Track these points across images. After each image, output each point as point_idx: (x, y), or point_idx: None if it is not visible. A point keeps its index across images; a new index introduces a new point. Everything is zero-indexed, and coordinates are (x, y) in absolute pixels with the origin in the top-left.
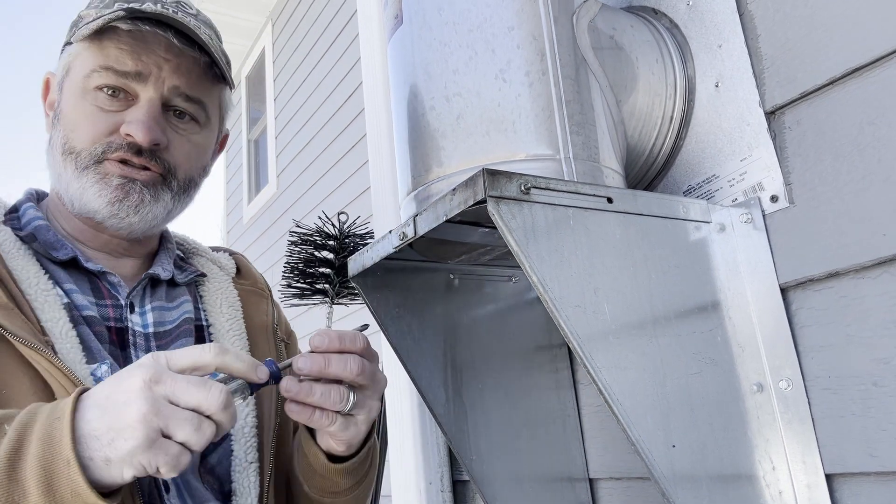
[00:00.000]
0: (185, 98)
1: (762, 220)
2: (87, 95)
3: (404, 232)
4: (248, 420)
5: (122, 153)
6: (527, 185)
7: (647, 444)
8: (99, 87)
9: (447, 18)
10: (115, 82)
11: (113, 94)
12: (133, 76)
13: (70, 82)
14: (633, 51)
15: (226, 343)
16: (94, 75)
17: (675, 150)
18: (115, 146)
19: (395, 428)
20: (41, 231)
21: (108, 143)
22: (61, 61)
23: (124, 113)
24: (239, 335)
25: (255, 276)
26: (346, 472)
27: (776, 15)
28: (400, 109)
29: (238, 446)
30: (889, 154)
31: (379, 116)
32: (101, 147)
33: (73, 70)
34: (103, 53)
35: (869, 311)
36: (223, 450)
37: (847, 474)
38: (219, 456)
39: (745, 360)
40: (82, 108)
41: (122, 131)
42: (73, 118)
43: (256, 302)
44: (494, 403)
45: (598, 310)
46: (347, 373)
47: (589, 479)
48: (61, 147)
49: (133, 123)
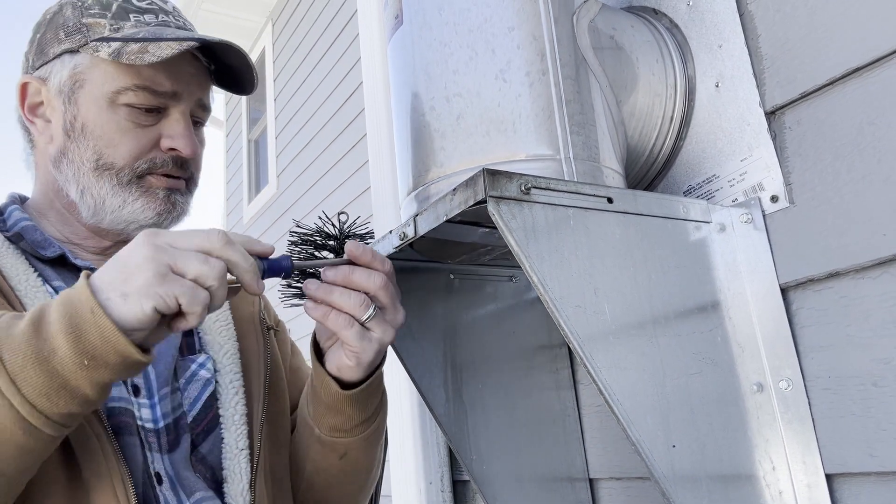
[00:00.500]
0: (203, 108)
1: (762, 220)
2: (118, 110)
3: (404, 232)
4: (237, 408)
5: (167, 168)
6: (527, 185)
7: (647, 444)
8: (132, 104)
9: (447, 18)
10: (154, 102)
11: (147, 109)
12: (169, 96)
13: (88, 95)
14: (634, 51)
15: (213, 334)
16: (128, 94)
17: (675, 150)
18: (159, 162)
19: (395, 428)
20: (28, 231)
21: (152, 160)
22: (62, 70)
23: (158, 126)
24: (225, 325)
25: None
26: (355, 400)
27: (776, 15)
28: (400, 109)
29: (228, 434)
30: (889, 154)
31: (379, 116)
32: (145, 164)
33: (90, 83)
34: (134, 72)
35: (869, 312)
36: (214, 437)
37: (847, 474)
38: (210, 445)
39: (745, 360)
40: (115, 124)
41: (163, 146)
42: (105, 134)
43: (242, 294)
44: (494, 403)
45: (598, 310)
46: (370, 283)
47: (589, 479)
48: (92, 162)
49: (177, 139)
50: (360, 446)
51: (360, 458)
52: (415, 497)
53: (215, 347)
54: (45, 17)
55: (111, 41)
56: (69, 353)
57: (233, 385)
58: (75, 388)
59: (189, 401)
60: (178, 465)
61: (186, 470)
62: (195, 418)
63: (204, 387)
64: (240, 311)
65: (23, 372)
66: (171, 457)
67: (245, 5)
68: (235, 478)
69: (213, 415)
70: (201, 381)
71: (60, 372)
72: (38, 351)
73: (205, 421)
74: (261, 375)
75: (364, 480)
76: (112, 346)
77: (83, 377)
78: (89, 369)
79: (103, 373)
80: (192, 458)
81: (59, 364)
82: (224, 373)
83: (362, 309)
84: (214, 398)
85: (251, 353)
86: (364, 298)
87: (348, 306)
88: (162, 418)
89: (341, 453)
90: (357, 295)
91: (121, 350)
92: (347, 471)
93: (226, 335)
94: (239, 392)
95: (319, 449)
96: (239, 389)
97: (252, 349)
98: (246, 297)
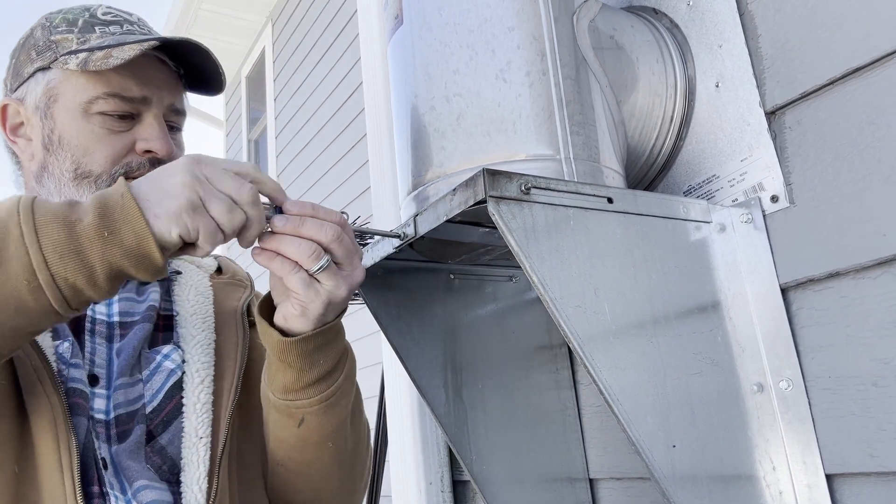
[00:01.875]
0: (176, 112)
1: (762, 221)
2: (91, 119)
3: (405, 232)
4: (200, 397)
5: (144, 171)
6: (527, 185)
7: (647, 444)
8: (105, 112)
9: (447, 19)
10: (124, 108)
11: (120, 116)
12: (139, 101)
13: (62, 108)
14: (634, 51)
15: (189, 327)
16: (99, 102)
17: (675, 150)
18: (135, 165)
19: (395, 428)
20: None
21: (128, 164)
22: (36, 87)
23: (133, 131)
24: (203, 318)
25: (236, 270)
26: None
27: (776, 15)
28: (400, 109)
29: (188, 422)
30: (889, 154)
31: (379, 116)
32: (121, 168)
33: (63, 96)
34: (104, 81)
35: (869, 312)
36: (174, 428)
37: (847, 474)
38: (170, 436)
39: (745, 360)
40: (90, 133)
41: (138, 148)
42: (81, 143)
43: (231, 291)
44: (494, 403)
45: (598, 310)
46: (322, 235)
47: (589, 479)
48: (71, 172)
49: (152, 140)
50: (318, 412)
51: (321, 427)
52: (415, 497)
53: (187, 339)
54: (18, 43)
55: (79, 52)
56: (93, 221)
57: (199, 374)
58: (87, 257)
59: (151, 392)
60: (122, 455)
61: (132, 460)
62: (155, 409)
63: (167, 377)
64: (223, 305)
65: (47, 227)
66: (117, 447)
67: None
68: (192, 466)
69: (175, 405)
70: (165, 371)
71: (80, 236)
72: (67, 216)
73: (164, 411)
74: (235, 366)
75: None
76: (131, 225)
77: (97, 248)
78: (106, 242)
79: (117, 252)
80: (146, 449)
81: (80, 229)
82: (192, 363)
83: (311, 259)
84: (179, 388)
85: (228, 345)
86: (315, 248)
87: (295, 254)
88: (113, 409)
89: (298, 419)
90: (307, 244)
91: (138, 230)
92: (309, 442)
93: (201, 327)
94: (205, 381)
95: (276, 418)
96: (205, 378)
97: (230, 340)
98: (234, 293)
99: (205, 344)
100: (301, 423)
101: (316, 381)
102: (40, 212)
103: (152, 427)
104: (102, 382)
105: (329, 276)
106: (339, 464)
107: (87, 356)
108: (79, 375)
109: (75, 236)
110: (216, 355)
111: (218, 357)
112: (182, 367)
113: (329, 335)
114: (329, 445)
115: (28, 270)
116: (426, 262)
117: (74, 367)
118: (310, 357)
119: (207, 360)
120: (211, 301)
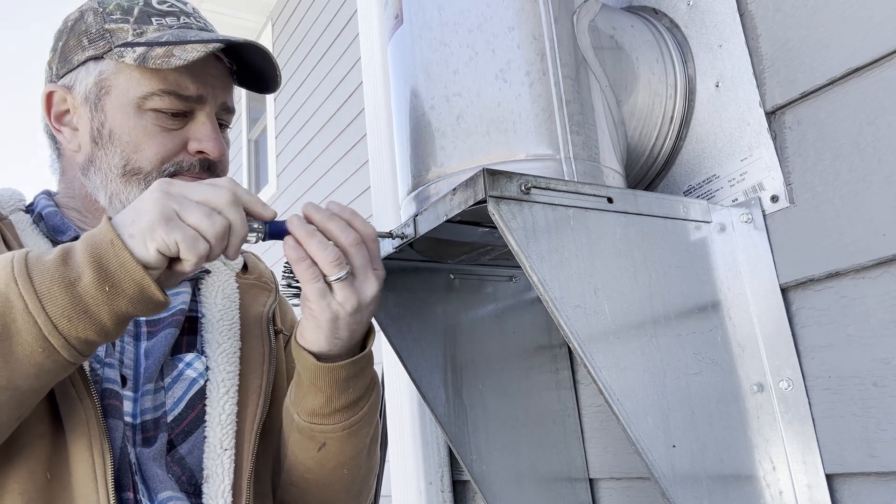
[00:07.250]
0: (227, 110)
1: (762, 220)
2: (144, 115)
3: (404, 232)
4: (225, 408)
5: (194, 171)
6: (527, 184)
7: (647, 444)
8: (158, 109)
9: (447, 18)
10: (178, 106)
11: (174, 114)
12: (195, 100)
13: (114, 102)
14: (634, 51)
15: (214, 333)
16: (154, 98)
17: (675, 149)
18: (186, 165)
19: (395, 428)
20: (50, 216)
21: (179, 163)
22: (87, 77)
23: (185, 130)
24: (230, 324)
25: (262, 270)
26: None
27: (776, 15)
28: (400, 109)
29: (212, 433)
30: (889, 154)
31: (379, 116)
32: (172, 167)
33: (116, 89)
34: (160, 77)
35: (869, 312)
36: (195, 438)
37: (847, 474)
38: (190, 445)
39: (745, 360)
40: (142, 129)
41: (190, 149)
42: (132, 139)
43: (256, 294)
44: (495, 403)
45: (598, 310)
46: (344, 237)
47: (589, 479)
48: (120, 168)
49: (205, 141)
50: (340, 438)
51: (340, 453)
52: (415, 497)
53: (213, 346)
54: (66, 25)
55: (135, 46)
56: (92, 278)
57: (224, 384)
58: (95, 315)
59: (172, 400)
60: (148, 460)
61: (157, 467)
62: (176, 417)
63: (189, 386)
64: (250, 310)
65: (49, 293)
66: (143, 452)
67: (245, 5)
68: (216, 478)
69: (197, 414)
70: (187, 380)
71: (83, 296)
72: (65, 276)
73: (186, 420)
74: (262, 377)
75: (343, 488)
76: (130, 274)
77: (104, 304)
78: (109, 297)
79: (122, 302)
80: (167, 459)
81: (82, 289)
82: (216, 371)
83: (333, 266)
84: (201, 397)
85: (254, 354)
86: (339, 256)
87: (321, 258)
88: (140, 415)
89: (319, 443)
90: (333, 250)
91: (138, 280)
92: (326, 466)
93: (227, 334)
94: (230, 391)
95: (298, 438)
96: (230, 388)
97: (255, 350)
98: (259, 297)
99: (230, 353)
100: (322, 447)
101: (343, 408)
102: (38, 277)
103: (173, 436)
104: (130, 384)
105: (342, 287)
106: (349, 490)
107: (116, 355)
108: (113, 376)
109: (79, 297)
110: (240, 364)
111: (242, 366)
112: (205, 374)
113: (362, 363)
114: (344, 472)
115: (41, 339)
116: (426, 262)
117: (109, 366)
118: (341, 385)
119: (232, 369)
120: (237, 305)
